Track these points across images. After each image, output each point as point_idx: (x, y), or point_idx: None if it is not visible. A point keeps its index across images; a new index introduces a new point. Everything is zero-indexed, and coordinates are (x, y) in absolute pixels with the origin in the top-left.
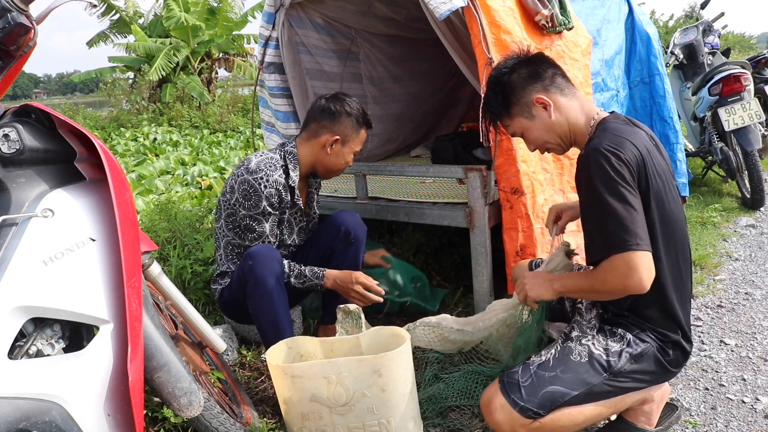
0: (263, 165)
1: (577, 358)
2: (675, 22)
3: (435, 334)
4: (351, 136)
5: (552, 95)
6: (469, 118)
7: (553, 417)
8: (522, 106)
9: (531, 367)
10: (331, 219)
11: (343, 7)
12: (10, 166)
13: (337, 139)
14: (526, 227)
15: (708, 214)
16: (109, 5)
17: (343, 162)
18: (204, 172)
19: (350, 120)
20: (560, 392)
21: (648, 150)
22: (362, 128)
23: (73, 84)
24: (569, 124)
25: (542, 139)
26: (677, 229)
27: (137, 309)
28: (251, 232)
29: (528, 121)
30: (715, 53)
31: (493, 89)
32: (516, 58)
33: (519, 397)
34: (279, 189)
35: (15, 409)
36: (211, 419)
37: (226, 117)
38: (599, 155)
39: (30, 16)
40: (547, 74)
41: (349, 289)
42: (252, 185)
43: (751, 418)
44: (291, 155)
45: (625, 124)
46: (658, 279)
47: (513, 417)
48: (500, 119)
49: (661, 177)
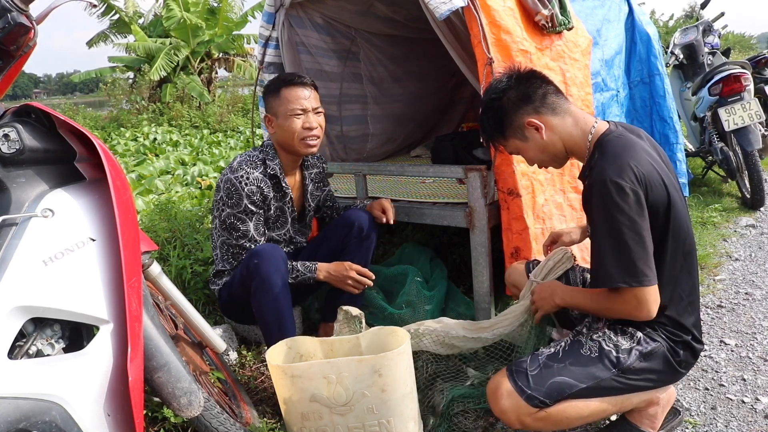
0: (244, 164)
1: (587, 353)
2: (675, 22)
3: (436, 339)
4: (274, 104)
5: (543, 117)
6: (469, 118)
7: (558, 408)
8: (515, 129)
9: (540, 357)
10: (344, 216)
11: (343, 7)
12: (10, 166)
13: (268, 117)
14: (521, 229)
15: (708, 214)
16: (109, 5)
17: (287, 132)
18: (204, 172)
19: (268, 94)
20: (568, 383)
21: (650, 161)
22: (279, 90)
23: (73, 84)
24: (563, 142)
25: (537, 159)
26: (685, 231)
27: (137, 309)
28: (236, 231)
29: (522, 142)
30: (715, 53)
31: (485, 113)
32: (506, 81)
33: (526, 384)
34: (260, 186)
35: (15, 409)
36: (211, 419)
37: (226, 117)
38: (605, 188)
39: (30, 16)
40: (537, 95)
41: (345, 276)
42: (234, 184)
43: (751, 418)
44: (268, 147)
45: (623, 136)
46: (670, 282)
47: (519, 405)
48: (495, 141)
49: (665, 183)
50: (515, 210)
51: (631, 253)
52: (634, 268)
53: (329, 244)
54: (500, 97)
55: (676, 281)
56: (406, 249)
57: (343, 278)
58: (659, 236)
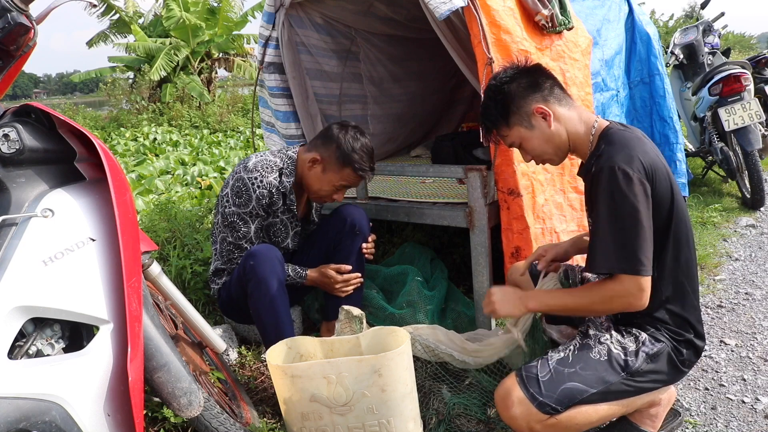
0: (260, 166)
1: (596, 357)
2: (675, 22)
3: (427, 348)
4: (332, 167)
5: (551, 105)
6: (469, 118)
7: (569, 414)
8: (521, 115)
9: (550, 362)
10: (337, 212)
11: (343, 7)
12: (10, 166)
13: (317, 159)
14: (522, 228)
15: (708, 214)
16: (109, 5)
17: (318, 187)
18: (204, 172)
19: (337, 151)
20: (579, 389)
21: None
22: (346, 167)
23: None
24: (568, 133)
25: (540, 150)
26: (686, 228)
27: (137, 309)
28: (237, 230)
29: (527, 131)
30: (715, 53)
31: (492, 98)
32: (515, 68)
33: (538, 391)
34: (271, 191)
35: (15, 409)
36: (211, 419)
37: (226, 117)
38: (612, 174)
39: (30, 16)
40: (546, 85)
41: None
42: (245, 183)
43: (751, 418)
44: (290, 160)
45: (628, 130)
46: (672, 276)
47: (530, 412)
48: (498, 129)
49: (670, 178)
50: (516, 210)
51: (632, 242)
52: (634, 256)
53: (322, 241)
54: (508, 82)
55: (678, 275)
56: (406, 249)
57: (328, 285)
58: (663, 230)
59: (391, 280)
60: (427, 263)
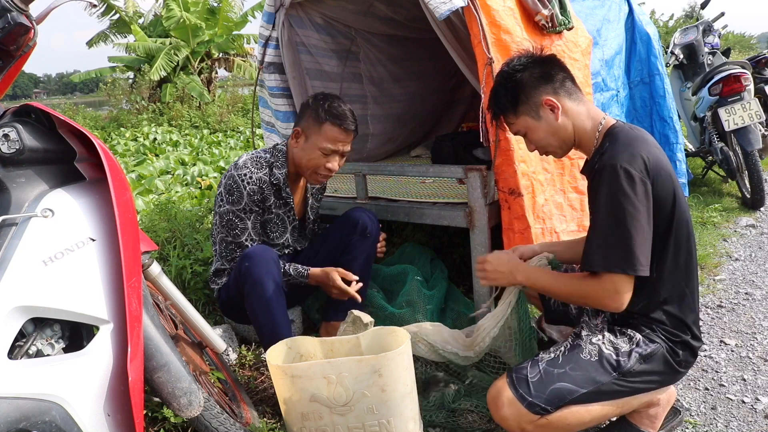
0: (249, 163)
1: (587, 357)
2: (675, 22)
3: (431, 348)
4: (312, 130)
5: (561, 98)
6: (469, 118)
7: (560, 414)
8: (530, 105)
9: (540, 363)
10: (346, 215)
11: (343, 7)
12: (10, 166)
13: (298, 131)
14: (523, 228)
15: (708, 214)
16: (109, 5)
17: (308, 158)
18: (204, 172)
19: (313, 113)
20: (568, 389)
21: (660, 154)
22: (324, 122)
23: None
24: (575, 128)
25: (545, 141)
26: (687, 227)
27: (137, 309)
28: (234, 228)
29: (534, 121)
30: (715, 53)
31: (503, 85)
32: (530, 57)
33: (527, 392)
34: (262, 187)
35: (15, 409)
36: (211, 419)
37: (226, 117)
38: (614, 173)
39: (30, 16)
40: (558, 77)
41: (329, 286)
42: (236, 181)
43: (751, 418)
44: (280, 153)
45: (634, 128)
46: (671, 277)
47: (520, 412)
48: (505, 115)
49: (672, 178)
50: (517, 209)
51: (631, 240)
52: (632, 255)
53: (331, 243)
54: (521, 71)
55: (677, 276)
56: (406, 249)
57: (327, 287)
58: (664, 229)
59: (391, 280)
60: (427, 263)
